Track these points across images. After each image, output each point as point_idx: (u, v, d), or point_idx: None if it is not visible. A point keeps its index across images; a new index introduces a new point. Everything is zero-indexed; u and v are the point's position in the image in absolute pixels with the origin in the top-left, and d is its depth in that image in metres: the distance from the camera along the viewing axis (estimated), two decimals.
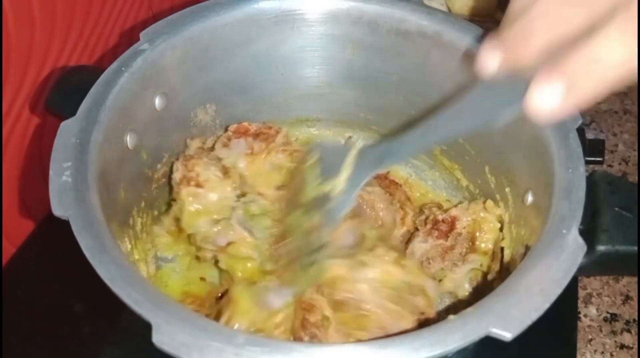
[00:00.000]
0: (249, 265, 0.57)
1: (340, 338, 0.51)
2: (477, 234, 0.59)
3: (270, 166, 0.63)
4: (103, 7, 0.78)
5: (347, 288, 0.51)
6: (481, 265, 0.59)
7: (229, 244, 0.57)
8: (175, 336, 0.36)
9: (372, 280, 0.52)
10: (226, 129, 0.66)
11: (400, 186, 0.69)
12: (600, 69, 0.33)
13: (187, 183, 0.58)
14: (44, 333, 0.66)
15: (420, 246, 0.60)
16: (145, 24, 0.70)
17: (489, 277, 0.57)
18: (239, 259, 0.57)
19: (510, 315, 0.38)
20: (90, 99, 0.50)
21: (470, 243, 0.59)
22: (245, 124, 0.65)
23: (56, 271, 0.71)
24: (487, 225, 0.58)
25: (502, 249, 0.57)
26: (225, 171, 0.60)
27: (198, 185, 0.58)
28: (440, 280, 0.61)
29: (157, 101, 0.58)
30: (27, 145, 0.71)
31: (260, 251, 0.57)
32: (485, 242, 0.58)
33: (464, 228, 0.59)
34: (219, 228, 0.57)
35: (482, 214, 0.59)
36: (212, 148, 0.65)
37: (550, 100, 0.34)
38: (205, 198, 0.58)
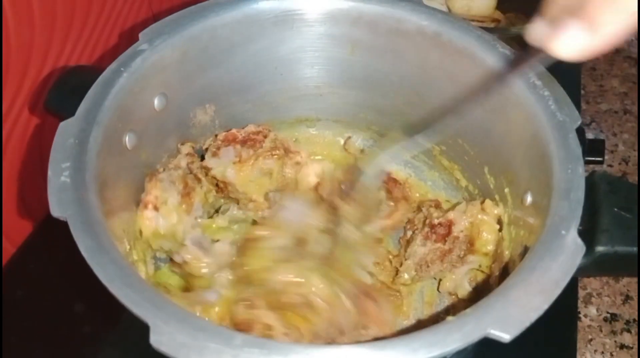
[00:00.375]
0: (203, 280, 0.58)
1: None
2: (476, 238, 0.58)
3: (259, 172, 0.64)
4: (103, 7, 0.78)
5: (298, 291, 0.53)
6: (480, 266, 0.58)
7: (184, 262, 0.58)
8: (173, 337, 0.36)
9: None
10: (216, 138, 0.66)
11: (400, 184, 0.69)
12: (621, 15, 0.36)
13: (144, 207, 0.58)
14: (44, 333, 0.66)
15: (419, 249, 0.60)
16: (145, 24, 0.70)
17: (491, 280, 0.57)
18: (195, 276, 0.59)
19: (509, 316, 0.38)
20: (89, 99, 0.50)
21: (469, 245, 0.59)
22: (234, 131, 0.65)
23: (56, 271, 0.71)
24: (486, 227, 0.58)
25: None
26: (187, 193, 0.61)
27: (155, 208, 0.58)
28: (440, 280, 0.61)
29: (156, 102, 0.58)
30: (27, 145, 0.71)
31: (220, 264, 0.59)
32: (486, 245, 0.58)
33: (461, 231, 0.59)
34: (176, 247, 0.59)
35: (480, 217, 0.58)
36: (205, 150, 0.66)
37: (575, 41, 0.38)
38: (161, 221, 0.58)
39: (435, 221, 0.60)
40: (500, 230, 0.58)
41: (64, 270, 0.68)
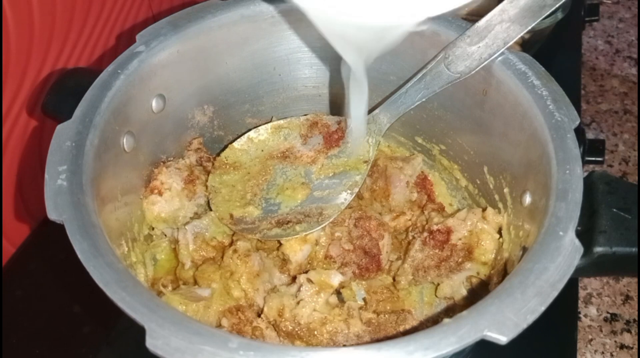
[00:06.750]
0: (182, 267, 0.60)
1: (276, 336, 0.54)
2: (475, 247, 0.58)
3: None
4: (102, 7, 0.78)
5: (290, 317, 0.53)
6: (478, 273, 0.58)
7: (175, 240, 0.60)
8: (169, 340, 0.36)
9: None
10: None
11: (430, 191, 0.69)
12: None
13: (150, 191, 0.60)
14: (44, 333, 0.67)
15: (416, 254, 0.59)
16: (145, 24, 0.70)
17: (490, 288, 0.56)
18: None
19: (505, 319, 0.38)
20: (86, 102, 0.50)
21: (467, 253, 0.58)
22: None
23: (56, 272, 0.71)
24: (486, 236, 0.57)
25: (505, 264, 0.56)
26: (191, 180, 0.62)
27: (160, 193, 0.60)
28: (437, 285, 0.60)
29: (154, 103, 0.58)
30: (26, 146, 0.71)
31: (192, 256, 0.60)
32: (484, 254, 0.58)
33: (460, 239, 0.58)
34: (173, 228, 0.61)
35: (480, 226, 0.58)
36: None
37: None
38: (164, 206, 0.60)
39: (434, 228, 0.59)
40: (500, 232, 0.58)
41: (64, 270, 0.68)
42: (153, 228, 0.61)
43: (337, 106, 0.71)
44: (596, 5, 1.06)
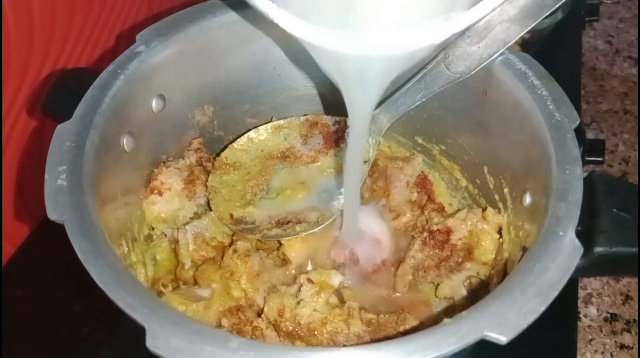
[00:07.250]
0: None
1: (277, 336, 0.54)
2: (475, 247, 0.58)
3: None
4: (102, 7, 0.78)
5: (291, 317, 0.53)
6: (478, 273, 0.58)
7: (175, 240, 0.60)
8: (169, 340, 0.36)
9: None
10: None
11: (430, 191, 0.69)
12: None
13: (150, 191, 0.60)
14: (44, 333, 0.67)
15: (416, 254, 0.59)
16: (145, 24, 0.70)
17: (490, 288, 0.56)
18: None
19: (505, 319, 0.38)
20: (86, 102, 0.50)
21: (467, 253, 0.58)
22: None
23: (56, 272, 0.71)
24: (486, 236, 0.57)
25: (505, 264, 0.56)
26: (191, 180, 0.62)
27: (160, 193, 0.60)
28: (437, 285, 0.60)
29: (154, 103, 0.58)
30: (26, 146, 0.71)
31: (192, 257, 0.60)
32: (484, 254, 0.57)
33: (460, 239, 0.58)
34: (173, 228, 0.61)
35: (480, 226, 0.58)
36: None
37: None
38: (164, 206, 0.60)
39: (434, 228, 0.59)
40: (500, 232, 0.58)
41: (63, 270, 0.67)
42: (153, 228, 0.61)
43: (337, 106, 0.71)
44: (596, 5, 1.06)
